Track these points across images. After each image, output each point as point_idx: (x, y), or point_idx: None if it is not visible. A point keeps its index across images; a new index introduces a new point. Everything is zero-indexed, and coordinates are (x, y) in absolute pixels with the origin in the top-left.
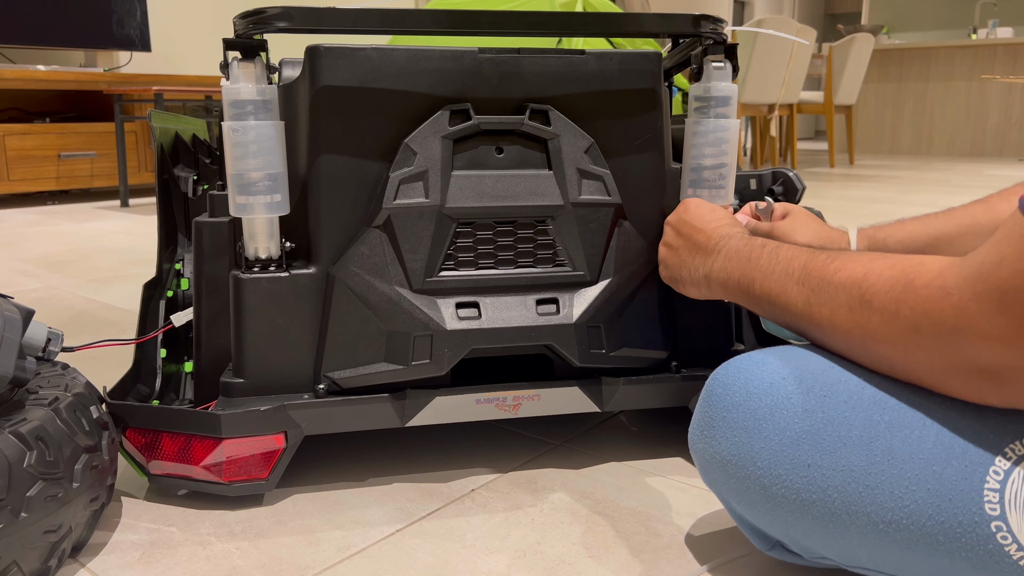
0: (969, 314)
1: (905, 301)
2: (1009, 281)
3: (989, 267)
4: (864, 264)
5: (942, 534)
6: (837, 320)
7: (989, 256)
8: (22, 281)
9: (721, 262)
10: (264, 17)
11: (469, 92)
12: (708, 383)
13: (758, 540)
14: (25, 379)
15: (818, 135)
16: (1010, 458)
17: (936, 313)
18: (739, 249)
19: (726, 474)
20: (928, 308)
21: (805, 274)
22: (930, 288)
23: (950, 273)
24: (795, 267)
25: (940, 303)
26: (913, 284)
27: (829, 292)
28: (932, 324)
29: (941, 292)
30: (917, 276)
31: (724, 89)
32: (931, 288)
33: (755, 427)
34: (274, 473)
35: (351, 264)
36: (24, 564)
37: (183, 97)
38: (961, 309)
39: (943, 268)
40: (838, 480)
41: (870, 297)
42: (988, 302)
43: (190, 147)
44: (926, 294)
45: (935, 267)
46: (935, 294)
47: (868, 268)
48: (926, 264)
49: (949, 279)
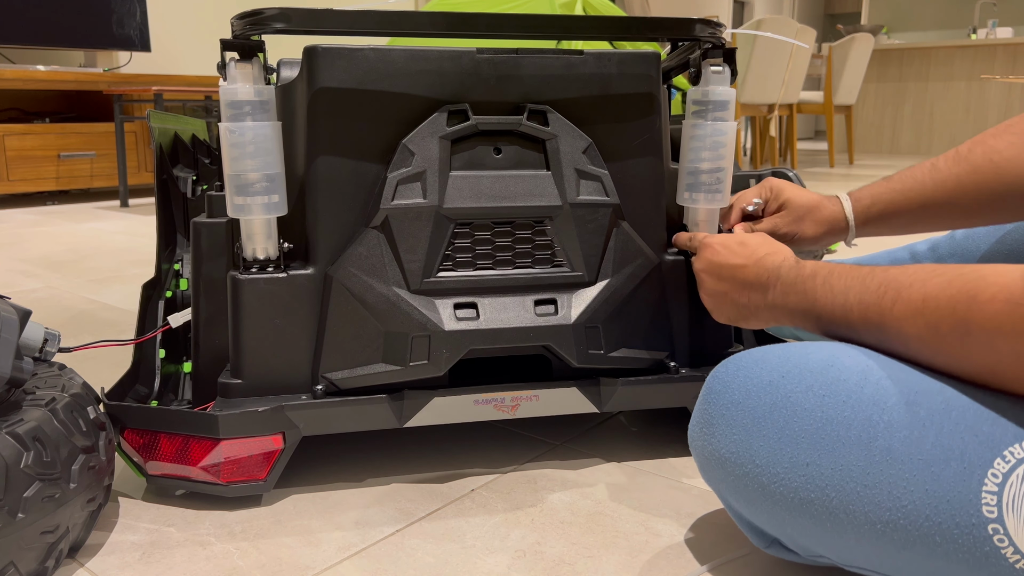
0: None
1: (974, 321)
2: None
3: None
4: (918, 288)
5: (939, 535)
6: (913, 351)
7: None
8: (22, 281)
9: (780, 297)
10: (262, 18)
11: (467, 92)
12: (708, 380)
13: (756, 537)
14: (22, 379)
15: (818, 135)
16: (1008, 461)
17: (1009, 326)
18: (792, 282)
19: (725, 472)
20: (1000, 323)
21: (864, 310)
22: (996, 302)
23: (1016, 286)
24: (852, 302)
25: (1012, 315)
26: (977, 300)
27: (895, 328)
28: (1007, 338)
29: (1009, 306)
30: (980, 292)
31: (722, 93)
32: (997, 302)
33: (754, 425)
34: (272, 474)
35: (349, 265)
36: (21, 565)
37: (183, 97)
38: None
39: (1007, 281)
40: (836, 479)
41: (936, 323)
42: None
43: (189, 147)
44: (993, 309)
45: (997, 281)
46: (1003, 308)
47: (925, 294)
48: (986, 278)
49: (1016, 291)
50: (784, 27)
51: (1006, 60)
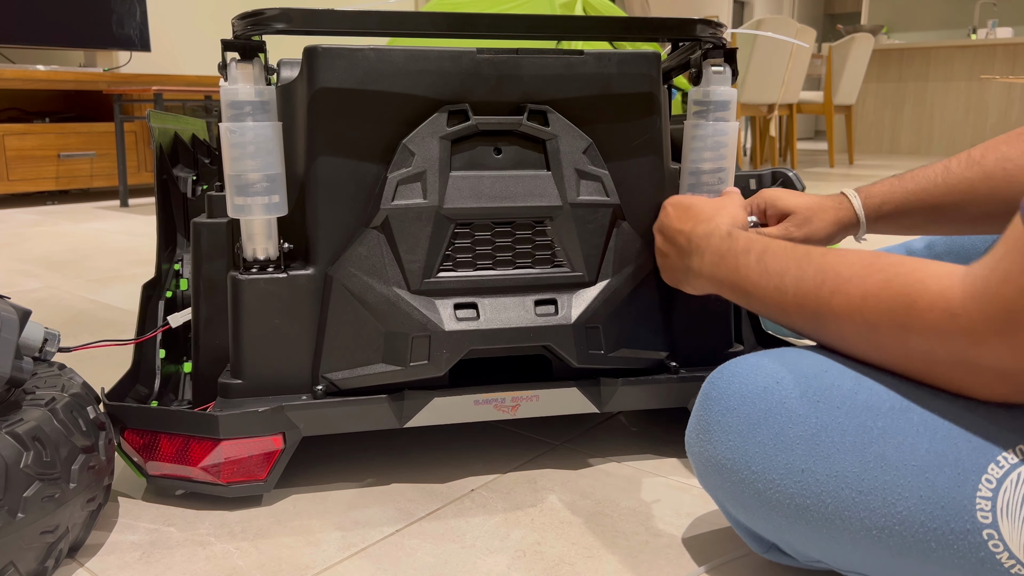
0: (980, 334)
1: (912, 328)
2: (1015, 301)
3: (995, 286)
4: (858, 286)
5: (934, 541)
6: (850, 346)
7: (995, 274)
8: (22, 281)
9: (710, 267)
10: (262, 18)
11: (467, 93)
12: (704, 386)
13: (754, 543)
14: (22, 379)
15: (818, 135)
16: (1002, 466)
17: (946, 337)
18: (724, 255)
19: (721, 477)
20: (938, 333)
21: (801, 296)
22: (934, 311)
23: (953, 294)
24: (787, 286)
25: (949, 327)
26: (916, 307)
27: (832, 322)
28: (944, 347)
29: (947, 315)
30: (919, 297)
31: (723, 93)
32: (935, 311)
33: (750, 431)
34: (272, 474)
35: (349, 265)
36: (21, 565)
37: (183, 97)
38: (970, 334)
39: (944, 288)
40: (831, 486)
41: (875, 322)
42: (996, 324)
43: (189, 147)
44: (932, 318)
45: (936, 287)
46: (941, 317)
47: (865, 292)
48: (926, 283)
49: (953, 301)
50: (784, 27)
51: (1006, 60)
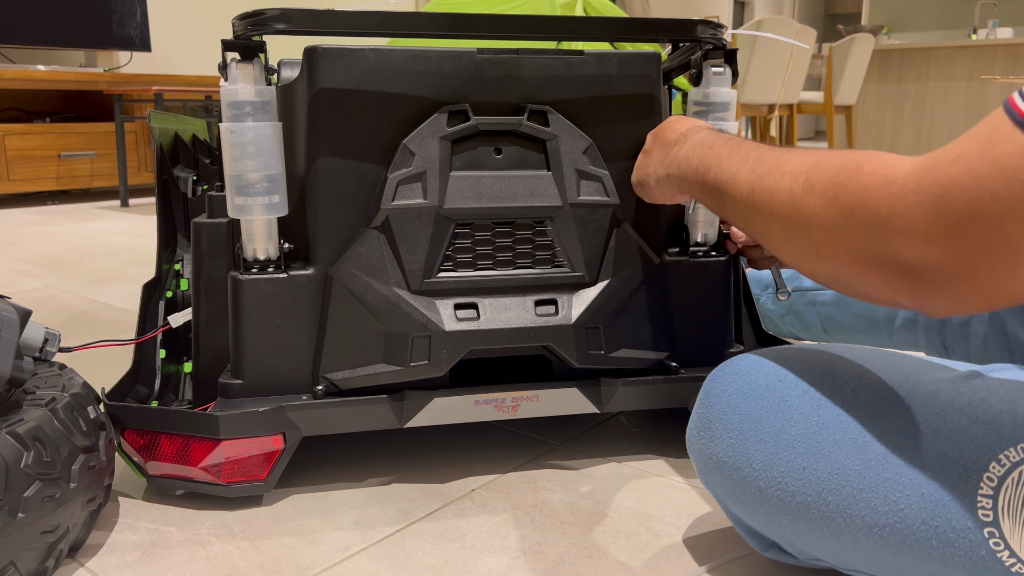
0: (906, 205)
1: (846, 186)
2: (957, 179)
3: (944, 162)
4: (819, 155)
5: (935, 539)
6: (776, 205)
7: (948, 152)
8: (22, 281)
9: (685, 151)
10: (263, 19)
11: (467, 93)
12: (706, 384)
13: (754, 541)
14: (22, 379)
15: (818, 135)
16: (1004, 465)
17: (873, 200)
18: (704, 139)
19: (722, 475)
20: (867, 194)
21: (758, 162)
22: (876, 175)
23: (901, 165)
24: (752, 156)
25: (880, 190)
26: (861, 169)
27: (776, 178)
28: (866, 211)
29: (885, 180)
30: (867, 162)
31: (723, 95)
32: (877, 176)
33: (751, 429)
34: (272, 474)
35: (349, 265)
36: (21, 564)
37: (183, 97)
38: (899, 199)
39: (896, 160)
40: (833, 483)
41: (814, 182)
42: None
43: (190, 147)
44: (869, 181)
45: (890, 160)
46: (878, 181)
47: (821, 157)
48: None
49: (898, 169)
50: (784, 27)
51: (1006, 60)
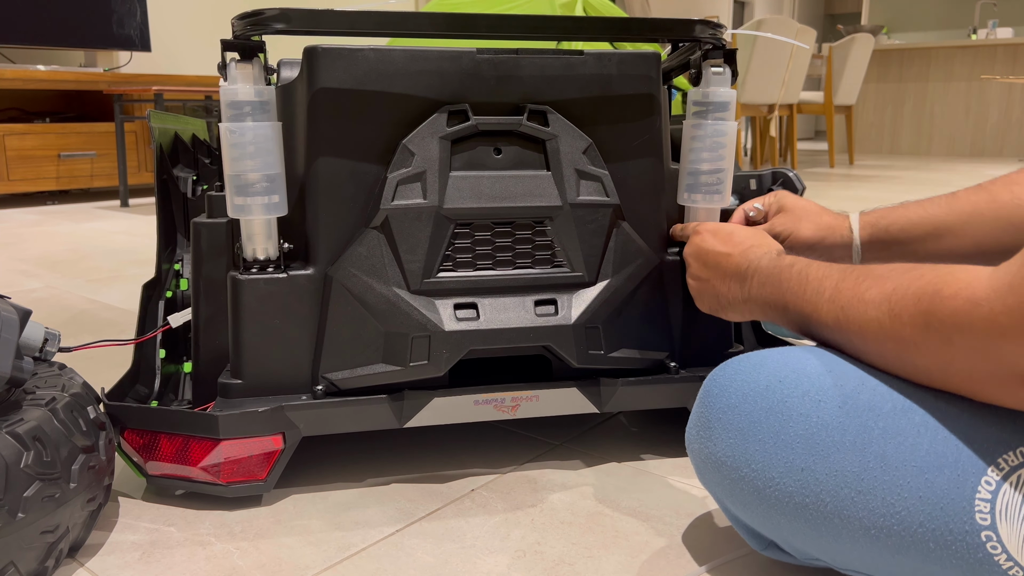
0: (1000, 326)
1: (934, 313)
2: None
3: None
4: (893, 280)
5: (933, 541)
6: (869, 336)
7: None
8: (22, 281)
9: (756, 288)
10: (262, 19)
11: (467, 93)
12: (705, 384)
13: (753, 540)
14: (22, 379)
15: (818, 135)
16: (1002, 468)
17: (966, 324)
18: (769, 272)
19: (721, 475)
20: (958, 320)
21: (836, 293)
22: (958, 299)
23: (979, 284)
24: (826, 286)
25: (970, 314)
26: (941, 294)
27: (859, 309)
28: (963, 335)
29: (970, 303)
30: (945, 286)
31: (723, 94)
32: (959, 299)
33: (750, 429)
34: (272, 474)
35: (349, 265)
36: (21, 564)
37: (183, 97)
38: (992, 321)
39: (972, 279)
40: (831, 484)
41: (899, 311)
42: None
43: (189, 147)
44: (954, 305)
45: (964, 277)
46: (964, 305)
47: (897, 283)
48: (955, 274)
49: (978, 290)
50: (784, 27)
51: (1006, 60)
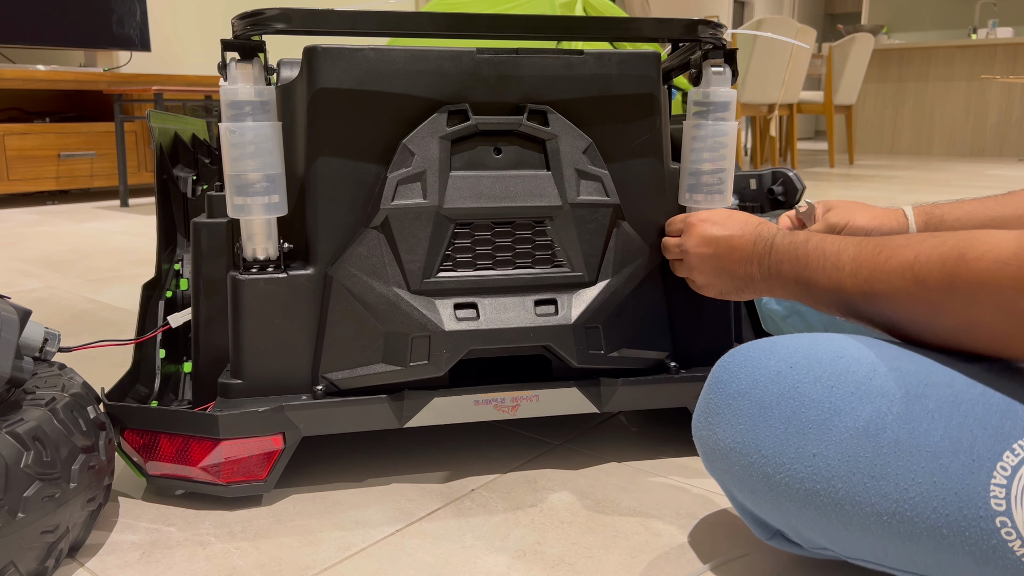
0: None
1: (960, 275)
2: None
3: None
4: (913, 248)
5: (946, 528)
6: (898, 304)
7: None
8: (22, 281)
9: (775, 265)
10: (262, 18)
11: (467, 93)
12: (714, 371)
13: (758, 529)
14: (22, 379)
15: (818, 135)
16: (1018, 454)
17: (993, 284)
18: (786, 249)
19: (728, 462)
20: (984, 279)
21: (856, 266)
22: (984, 260)
23: (1005, 244)
24: (844, 260)
25: (997, 274)
26: (966, 257)
27: (883, 282)
28: (990, 295)
29: (997, 263)
30: (970, 249)
31: (723, 94)
32: (985, 260)
33: (760, 415)
34: (272, 474)
35: (349, 265)
36: (21, 564)
37: (183, 97)
38: (1020, 279)
39: (998, 241)
40: (843, 470)
41: (924, 276)
42: None
43: (189, 147)
44: (981, 266)
45: (989, 240)
46: (991, 265)
47: (918, 251)
48: (978, 237)
49: (1005, 251)
50: (784, 27)
51: (1006, 60)
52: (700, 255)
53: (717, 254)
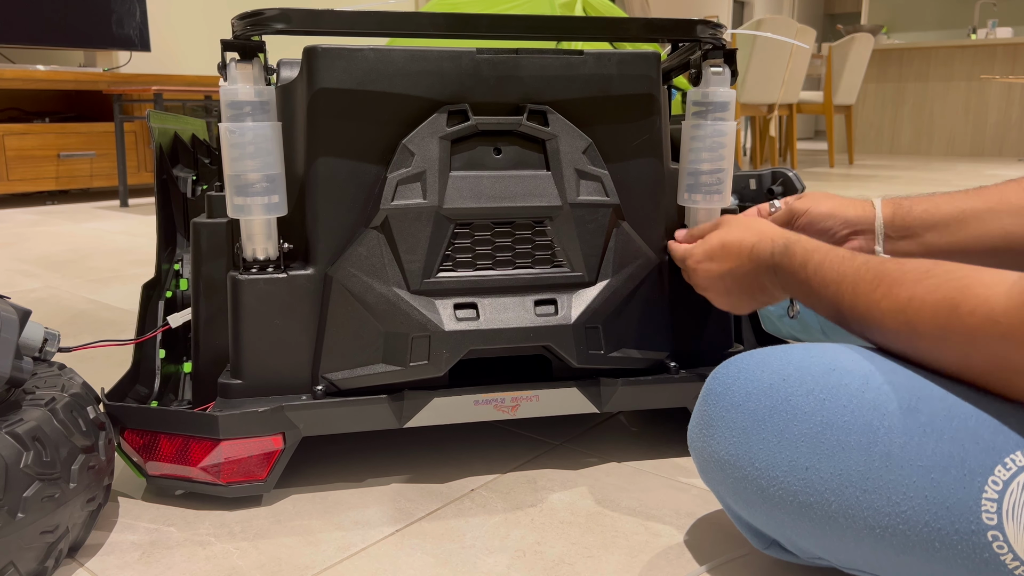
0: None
1: (952, 328)
2: None
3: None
4: (908, 288)
5: (938, 541)
6: (895, 341)
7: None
8: (22, 281)
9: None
10: (262, 19)
11: (467, 93)
12: (708, 382)
13: (754, 539)
14: (22, 379)
15: (818, 135)
16: (1009, 468)
17: (983, 341)
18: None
19: (724, 474)
20: (975, 337)
21: (854, 298)
22: (976, 316)
23: (997, 300)
24: (844, 291)
25: (988, 332)
26: (959, 311)
27: (877, 320)
28: (980, 352)
29: (988, 320)
30: (963, 301)
31: (722, 95)
32: (976, 316)
33: (753, 428)
34: (272, 474)
35: (349, 265)
36: (21, 564)
37: (182, 97)
38: (1009, 338)
39: (989, 294)
40: (835, 484)
41: (916, 323)
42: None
43: (189, 147)
44: (972, 322)
45: (981, 293)
46: (981, 322)
47: (912, 293)
48: (972, 288)
49: (996, 307)
50: (784, 27)
51: (1006, 60)
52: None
53: (727, 288)
